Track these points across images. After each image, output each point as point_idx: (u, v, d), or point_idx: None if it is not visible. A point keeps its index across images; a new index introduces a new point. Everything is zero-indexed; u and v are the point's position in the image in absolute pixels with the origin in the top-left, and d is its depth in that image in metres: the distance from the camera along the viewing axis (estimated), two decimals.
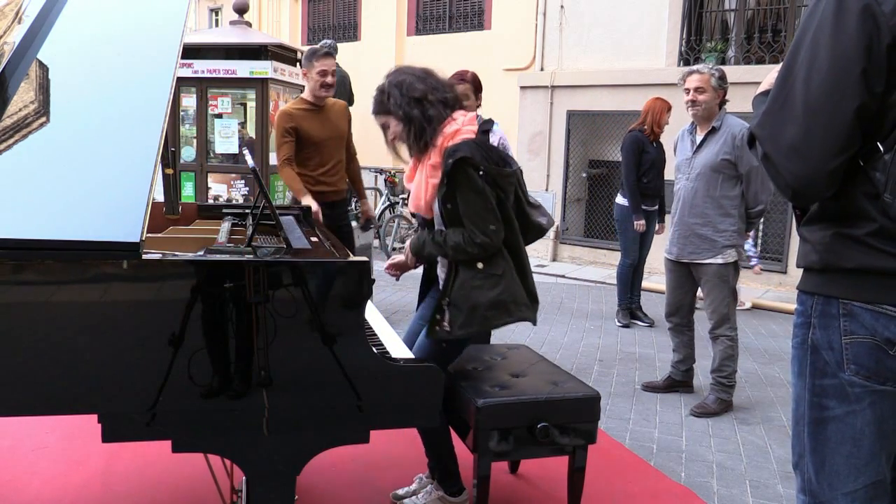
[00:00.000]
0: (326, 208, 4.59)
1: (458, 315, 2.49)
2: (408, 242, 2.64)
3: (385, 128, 2.57)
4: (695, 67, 3.93)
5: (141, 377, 1.92)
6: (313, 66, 4.39)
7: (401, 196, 9.18)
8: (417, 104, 2.49)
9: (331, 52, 4.46)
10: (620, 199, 5.64)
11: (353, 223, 5.13)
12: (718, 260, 3.86)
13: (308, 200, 4.33)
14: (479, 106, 4.10)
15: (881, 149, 1.33)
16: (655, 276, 7.41)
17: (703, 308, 4.02)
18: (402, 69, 2.60)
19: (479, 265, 2.49)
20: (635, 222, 5.52)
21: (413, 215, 2.77)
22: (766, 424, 3.89)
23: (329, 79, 4.42)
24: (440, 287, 2.62)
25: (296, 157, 4.46)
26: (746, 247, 6.35)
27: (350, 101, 6.53)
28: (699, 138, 3.90)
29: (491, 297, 2.49)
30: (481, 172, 2.43)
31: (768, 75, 1.59)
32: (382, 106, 2.53)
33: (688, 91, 3.88)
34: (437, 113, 2.50)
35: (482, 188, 2.43)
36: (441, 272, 2.65)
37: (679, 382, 4.29)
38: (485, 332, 2.59)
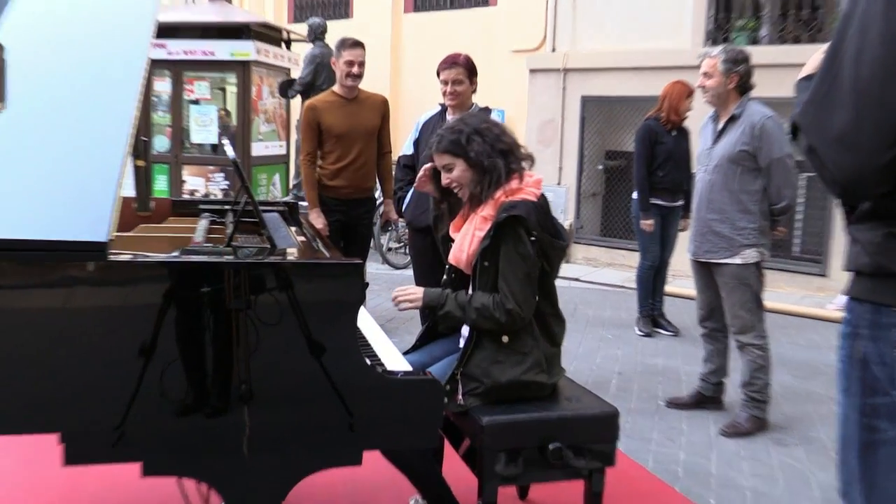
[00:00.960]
0: (342, 206, 4.73)
1: (473, 388, 2.52)
2: (424, 290, 2.66)
3: (447, 169, 2.65)
4: (708, 50, 3.97)
5: (107, 392, 1.91)
6: (341, 56, 4.62)
7: None
8: (502, 156, 2.60)
9: (360, 42, 4.70)
10: (637, 195, 5.62)
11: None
12: (736, 260, 3.86)
13: (315, 217, 4.50)
14: (474, 91, 4.13)
15: None
16: (681, 280, 7.38)
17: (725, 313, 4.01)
18: (474, 115, 2.75)
19: (505, 339, 2.53)
20: (641, 221, 5.51)
21: (448, 270, 2.80)
22: (806, 446, 3.87)
23: (356, 69, 4.62)
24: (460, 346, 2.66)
25: (319, 151, 4.71)
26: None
27: (333, 82, 6.56)
28: (720, 126, 3.92)
29: (511, 376, 2.52)
30: (533, 238, 2.49)
31: (812, 57, 1.56)
32: (458, 148, 2.60)
33: (700, 77, 3.94)
34: (517, 168, 2.61)
35: (528, 253, 2.49)
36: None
37: (708, 398, 4.27)
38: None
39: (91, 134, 2.07)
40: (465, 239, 2.64)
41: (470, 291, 2.60)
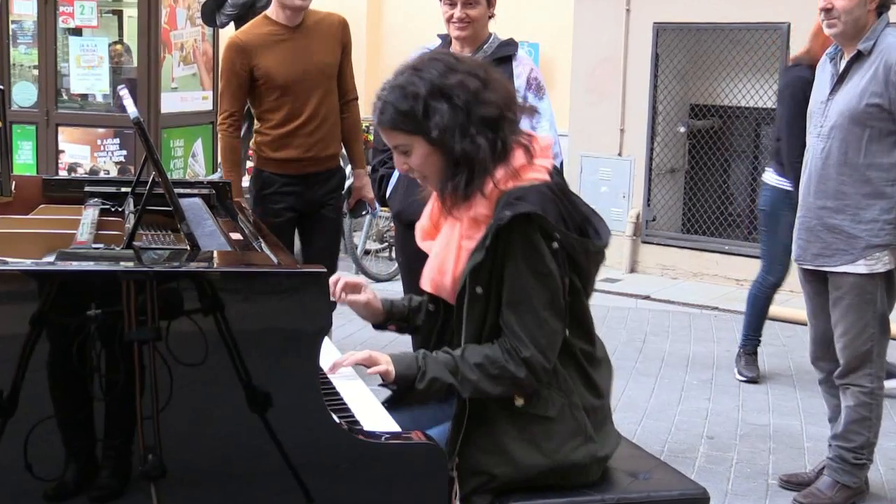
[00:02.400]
0: (296, 184, 4.78)
1: (479, 484, 2.45)
2: (391, 356, 2.48)
3: (402, 151, 2.50)
4: None
5: None
6: None
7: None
8: (489, 129, 2.43)
9: None
10: (772, 177, 5.56)
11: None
12: (859, 268, 3.86)
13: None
14: (492, 17, 4.14)
15: None
16: (799, 299, 7.38)
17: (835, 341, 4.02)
18: (435, 57, 2.54)
19: (519, 401, 2.45)
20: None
21: (431, 301, 2.70)
22: None
23: None
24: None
25: (256, 109, 4.77)
26: None
27: None
28: (841, 69, 3.90)
29: (538, 461, 2.44)
30: (556, 244, 2.39)
31: None
32: (411, 122, 2.43)
33: None
34: (514, 141, 2.46)
35: (549, 271, 2.39)
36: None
37: None
38: None
39: None
40: (447, 253, 2.53)
41: (463, 334, 2.48)
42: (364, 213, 5.59)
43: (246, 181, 6.23)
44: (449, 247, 2.53)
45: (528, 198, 2.39)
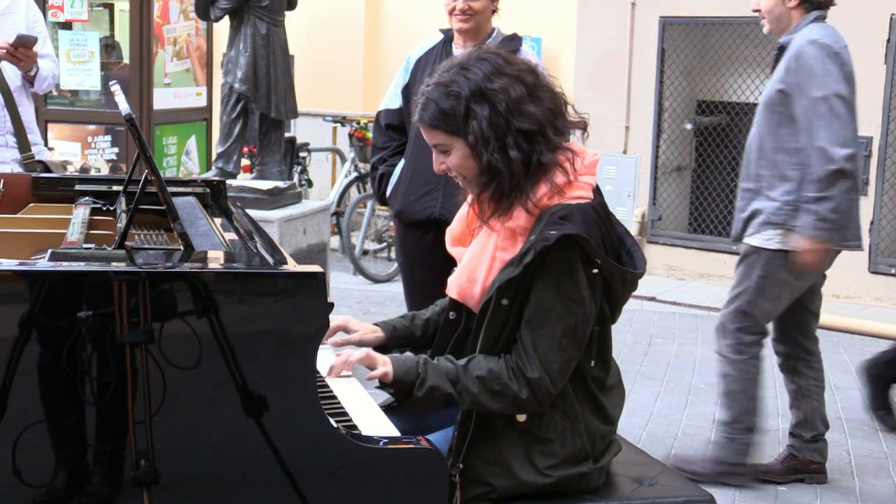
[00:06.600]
0: None
1: (480, 494, 2.46)
2: (390, 358, 2.45)
3: (441, 150, 2.50)
4: None
5: None
6: None
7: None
8: (526, 141, 2.42)
9: None
10: None
11: None
12: (753, 240, 4.11)
13: None
14: (495, 11, 4.16)
15: None
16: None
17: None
18: (483, 56, 2.49)
19: (521, 417, 2.45)
20: None
21: (452, 309, 2.67)
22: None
23: None
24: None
25: None
26: None
27: (291, 3, 6.54)
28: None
29: (534, 477, 2.44)
30: (595, 269, 2.39)
31: None
32: (450, 123, 2.43)
33: None
34: (553, 158, 2.43)
35: (580, 297, 2.38)
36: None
37: (806, 463, 4.36)
38: None
39: None
40: (480, 263, 2.51)
41: (479, 343, 2.47)
42: None
43: (243, 180, 6.23)
44: (482, 256, 2.52)
45: (572, 218, 2.38)
